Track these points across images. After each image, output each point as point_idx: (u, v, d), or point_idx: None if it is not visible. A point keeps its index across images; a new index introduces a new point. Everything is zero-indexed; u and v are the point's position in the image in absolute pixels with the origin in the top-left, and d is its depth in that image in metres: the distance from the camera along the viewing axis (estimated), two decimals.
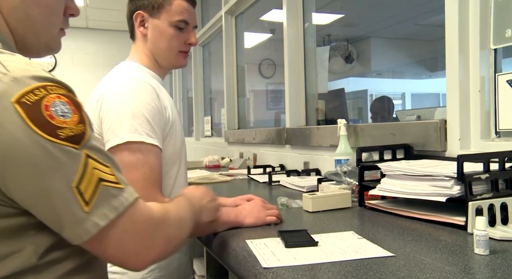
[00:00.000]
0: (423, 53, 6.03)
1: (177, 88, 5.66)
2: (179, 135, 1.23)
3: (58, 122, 0.56)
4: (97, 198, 0.58)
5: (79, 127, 0.59)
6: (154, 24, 1.25)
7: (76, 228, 0.57)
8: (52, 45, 0.75)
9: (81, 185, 0.57)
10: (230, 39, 3.52)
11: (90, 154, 0.59)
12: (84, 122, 0.60)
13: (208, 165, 2.96)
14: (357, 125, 1.79)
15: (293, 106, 2.46)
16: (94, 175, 0.59)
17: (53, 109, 0.56)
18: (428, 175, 1.04)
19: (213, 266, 1.55)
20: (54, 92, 0.58)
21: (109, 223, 0.59)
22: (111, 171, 0.61)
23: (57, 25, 0.74)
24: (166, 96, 1.24)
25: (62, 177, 0.56)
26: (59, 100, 0.58)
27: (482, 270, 0.71)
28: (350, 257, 0.78)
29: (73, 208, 0.56)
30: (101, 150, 0.62)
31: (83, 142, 0.59)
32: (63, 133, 0.56)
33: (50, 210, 0.57)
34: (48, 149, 0.55)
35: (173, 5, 1.23)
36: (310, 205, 1.23)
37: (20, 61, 0.59)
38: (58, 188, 0.56)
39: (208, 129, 4.31)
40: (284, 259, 0.78)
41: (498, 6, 1.24)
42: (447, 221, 0.99)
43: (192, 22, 1.28)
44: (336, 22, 5.15)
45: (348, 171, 1.42)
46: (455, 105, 1.32)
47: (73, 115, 0.59)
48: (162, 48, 1.26)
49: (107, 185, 0.60)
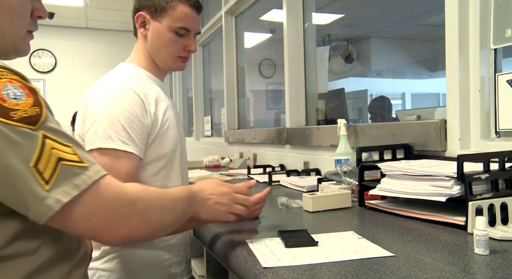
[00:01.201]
0: (423, 53, 6.04)
1: (177, 88, 5.66)
2: (173, 137, 1.22)
3: (10, 104, 0.57)
4: (56, 176, 0.59)
5: (34, 109, 0.59)
6: (155, 27, 1.24)
7: (39, 206, 0.58)
8: (19, 47, 0.74)
9: (39, 164, 0.58)
10: (230, 39, 3.52)
11: (48, 134, 0.60)
12: (40, 105, 0.61)
13: (208, 165, 2.96)
14: (357, 125, 1.79)
15: (293, 106, 2.46)
16: (53, 154, 0.59)
17: (4, 92, 0.58)
18: (428, 175, 1.04)
19: (213, 266, 1.55)
20: (5, 77, 0.60)
21: (73, 199, 0.59)
22: (72, 150, 0.62)
23: (22, 26, 0.73)
24: (161, 98, 1.23)
25: (19, 157, 0.56)
26: (10, 84, 0.59)
27: (482, 270, 0.71)
28: (350, 257, 0.78)
29: (33, 187, 0.57)
30: (60, 131, 0.63)
31: (39, 124, 0.59)
32: (16, 115, 0.57)
33: (12, 192, 0.57)
34: (1, 131, 0.56)
35: (176, 10, 1.22)
36: (310, 205, 1.23)
37: None
38: (16, 168, 0.56)
39: (208, 129, 4.31)
40: (284, 259, 0.78)
41: (498, 6, 1.24)
42: (447, 221, 0.99)
43: (194, 28, 1.27)
44: (336, 22, 5.15)
45: (348, 171, 1.42)
46: (455, 105, 1.32)
47: (26, 98, 0.60)
48: (160, 52, 1.25)
49: (68, 164, 0.60)
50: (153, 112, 1.17)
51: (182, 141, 1.30)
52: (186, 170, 1.33)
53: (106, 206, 0.64)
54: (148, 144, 1.16)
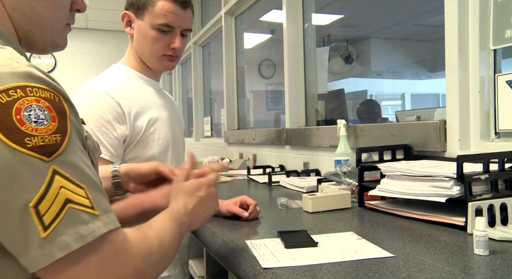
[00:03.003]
0: (423, 54, 6.04)
1: (177, 88, 5.66)
2: (162, 138, 1.20)
3: (28, 128, 0.49)
4: (59, 222, 0.49)
5: (53, 137, 0.51)
6: (138, 25, 1.21)
7: (29, 254, 0.49)
8: (58, 41, 0.72)
9: (41, 205, 0.49)
10: (230, 39, 3.52)
11: (60, 170, 0.51)
12: (64, 132, 0.53)
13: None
14: (356, 125, 1.79)
15: (293, 107, 2.46)
16: (60, 195, 0.50)
17: (25, 114, 0.49)
18: (428, 176, 1.04)
19: (213, 266, 1.55)
20: (33, 94, 0.51)
21: (69, 255, 0.50)
22: (85, 193, 0.53)
23: (63, 20, 0.71)
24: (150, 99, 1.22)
25: (19, 193, 0.48)
26: (36, 104, 0.51)
27: (482, 270, 0.71)
28: (350, 258, 0.78)
29: (29, 231, 0.48)
30: (79, 168, 0.54)
31: (55, 155, 0.51)
32: (31, 142, 0.49)
33: (6, 230, 0.49)
34: (8, 159, 0.48)
35: (156, 6, 1.17)
36: (310, 206, 1.23)
37: (4, 56, 0.53)
38: (14, 205, 0.48)
39: (208, 129, 4.31)
40: (283, 259, 0.78)
41: (497, 6, 1.24)
42: (446, 222, 0.99)
43: (179, 25, 1.21)
44: (335, 22, 5.16)
45: (348, 172, 1.42)
46: (454, 106, 1.32)
47: (50, 123, 0.51)
48: (145, 50, 1.22)
49: (77, 208, 0.51)
50: (133, 114, 1.15)
51: (176, 142, 1.27)
52: None
53: (104, 267, 0.54)
54: (130, 147, 1.14)
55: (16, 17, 0.65)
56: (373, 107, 4.24)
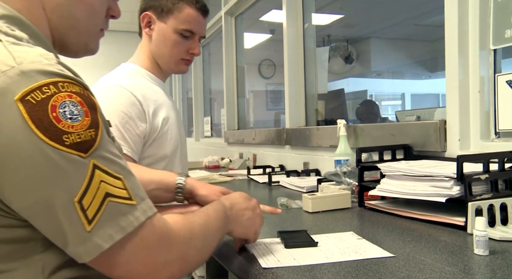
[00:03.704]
0: (423, 54, 6.04)
1: (177, 88, 5.66)
2: (173, 138, 1.22)
3: (64, 126, 0.50)
4: (101, 215, 0.51)
5: (88, 133, 0.52)
6: (160, 28, 1.24)
7: (77, 247, 0.51)
8: (91, 45, 0.73)
9: (84, 199, 0.50)
10: (230, 39, 3.52)
11: (99, 164, 0.52)
12: (97, 126, 0.53)
13: (208, 165, 2.96)
14: (356, 125, 1.79)
15: (292, 107, 2.46)
16: (101, 189, 0.52)
17: (60, 111, 0.50)
18: (428, 176, 1.04)
19: (213, 266, 1.55)
20: (65, 90, 0.51)
21: (114, 244, 0.52)
22: (122, 184, 0.54)
23: (98, 25, 0.72)
24: (162, 99, 1.23)
25: (64, 189, 0.50)
26: (69, 99, 0.51)
27: (482, 270, 0.71)
28: (350, 258, 0.78)
29: (74, 225, 0.50)
30: (113, 159, 0.55)
31: (92, 150, 0.52)
32: (68, 139, 0.50)
33: (51, 224, 0.51)
34: (50, 157, 0.49)
35: (182, 12, 1.22)
36: (310, 206, 1.23)
37: (33, 53, 0.53)
38: (59, 201, 0.50)
39: (208, 129, 4.31)
40: (283, 259, 0.78)
41: (497, 6, 1.24)
42: (446, 222, 0.99)
43: (199, 32, 1.27)
44: (335, 22, 5.16)
45: (348, 172, 1.42)
46: (454, 106, 1.32)
47: (83, 118, 0.52)
48: (164, 52, 1.26)
49: (116, 201, 0.53)
50: (151, 112, 1.17)
51: (182, 142, 1.30)
52: (187, 171, 1.33)
53: (148, 252, 0.56)
54: (147, 145, 1.16)
55: (54, 20, 0.66)
56: (372, 107, 4.24)
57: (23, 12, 0.62)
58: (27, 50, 0.53)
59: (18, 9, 0.61)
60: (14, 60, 0.50)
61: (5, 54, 0.51)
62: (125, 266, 0.55)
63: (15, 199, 0.50)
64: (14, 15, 0.60)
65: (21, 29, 0.59)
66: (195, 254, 0.64)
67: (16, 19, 0.60)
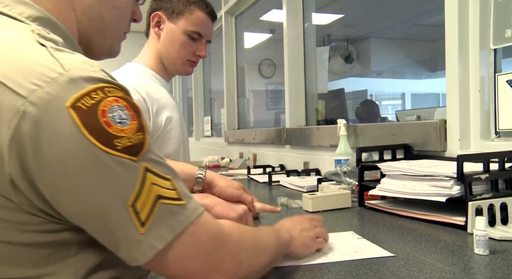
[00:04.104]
0: (423, 53, 6.04)
1: (177, 88, 5.66)
2: (176, 137, 1.23)
3: (115, 130, 0.50)
4: (154, 218, 0.52)
5: (137, 136, 0.52)
6: (169, 28, 1.27)
7: (131, 250, 0.52)
8: (114, 48, 0.74)
9: (137, 203, 0.51)
10: (230, 39, 3.52)
11: (149, 167, 0.53)
12: (143, 130, 0.54)
13: (208, 165, 2.96)
14: (357, 125, 1.79)
15: (293, 106, 2.46)
16: (152, 191, 0.52)
17: (110, 115, 0.50)
18: (428, 175, 1.04)
19: None
20: (111, 94, 0.52)
21: (167, 244, 0.53)
22: (172, 185, 0.55)
23: (123, 28, 0.73)
24: (166, 99, 1.24)
25: (117, 194, 0.50)
26: (117, 104, 0.51)
27: (482, 270, 0.71)
28: (350, 257, 0.78)
29: (128, 228, 0.51)
30: (160, 161, 0.55)
31: (142, 153, 0.52)
32: (120, 143, 0.50)
33: (104, 229, 0.51)
34: (103, 162, 0.49)
35: (193, 15, 1.26)
36: (310, 205, 1.23)
37: (78, 60, 0.53)
38: (113, 206, 0.50)
39: (208, 129, 4.31)
40: (283, 259, 0.78)
41: (497, 6, 1.24)
42: (447, 221, 0.99)
43: (207, 35, 1.30)
44: (336, 22, 5.16)
45: (348, 171, 1.42)
46: (455, 105, 1.32)
47: (131, 122, 0.52)
48: (171, 53, 1.28)
49: (166, 202, 0.53)
50: (155, 111, 1.17)
51: (185, 141, 1.31)
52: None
53: (201, 250, 0.56)
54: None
55: (84, 22, 0.66)
56: (371, 107, 4.24)
57: (53, 12, 0.61)
58: (71, 57, 0.53)
59: (48, 10, 0.61)
60: (62, 67, 0.50)
61: (52, 61, 0.50)
62: (180, 265, 0.55)
63: (67, 205, 0.50)
64: (46, 17, 0.60)
65: (54, 31, 0.59)
66: (248, 257, 0.63)
67: (48, 21, 0.60)
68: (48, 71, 0.49)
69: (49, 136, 0.47)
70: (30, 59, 0.50)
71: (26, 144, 0.47)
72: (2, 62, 0.50)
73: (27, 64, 0.49)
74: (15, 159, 0.48)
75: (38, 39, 0.53)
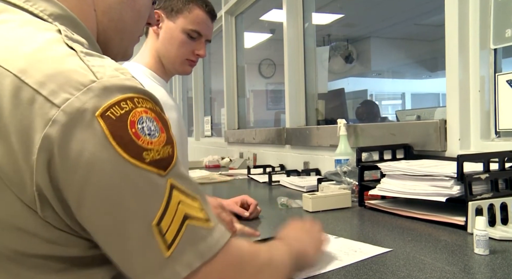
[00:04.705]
0: (423, 53, 6.04)
1: (177, 87, 5.66)
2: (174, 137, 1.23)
3: (144, 142, 0.47)
4: (180, 239, 0.47)
5: (166, 149, 0.49)
6: (168, 26, 1.26)
7: (153, 275, 0.46)
8: (129, 51, 0.73)
9: (163, 222, 0.46)
10: (230, 39, 3.52)
11: (176, 183, 0.49)
12: (172, 143, 0.51)
13: (208, 165, 2.96)
14: (357, 125, 1.79)
15: (293, 106, 2.46)
16: (179, 210, 0.48)
17: (139, 126, 0.47)
18: (428, 175, 1.04)
19: None
20: (141, 105, 0.49)
21: (192, 272, 0.47)
22: (199, 205, 0.50)
23: (139, 31, 0.73)
24: (163, 99, 1.24)
25: (142, 211, 0.46)
26: (146, 115, 0.49)
27: (482, 270, 0.71)
28: (350, 261, 0.78)
29: (151, 251, 0.46)
30: (189, 178, 0.51)
31: (170, 168, 0.49)
32: (148, 156, 0.47)
33: (123, 249, 0.47)
34: (129, 175, 0.46)
35: (192, 13, 1.25)
36: (310, 205, 1.23)
37: (109, 66, 0.51)
38: (136, 224, 0.46)
39: (208, 129, 4.31)
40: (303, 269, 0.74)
41: (498, 6, 1.24)
42: (447, 221, 0.99)
43: (206, 34, 1.29)
44: (336, 22, 5.16)
45: (348, 171, 1.42)
46: (455, 105, 1.32)
47: (160, 135, 0.49)
48: (169, 51, 1.27)
49: (195, 224, 0.49)
50: None
51: (184, 143, 1.31)
52: (187, 172, 1.33)
53: (224, 277, 0.52)
54: None
55: (104, 22, 0.65)
56: (371, 107, 4.24)
57: (74, 10, 0.59)
58: (102, 63, 0.51)
59: (70, 7, 0.58)
60: (94, 75, 0.48)
61: (84, 67, 0.48)
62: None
63: (90, 220, 0.47)
64: (69, 15, 0.58)
65: (76, 31, 0.57)
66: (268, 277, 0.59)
67: (71, 20, 0.58)
68: (81, 78, 0.47)
69: (77, 144, 0.45)
70: (63, 65, 0.48)
71: (55, 152, 0.45)
72: (35, 68, 0.47)
73: (60, 70, 0.47)
74: (43, 167, 0.45)
75: (67, 41, 0.51)
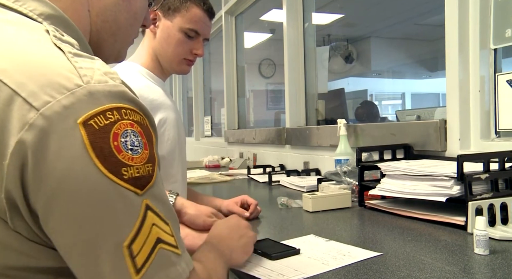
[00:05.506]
0: (423, 53, 6.04)
1: (177, 87, 5.66)
2: (171, 139, 1.22)
3: (124, 157, 0.44)
4: (151, 264, 0.45)
5: (146, 167, 0.47)
6: (165, 25, 1.25)
7: None
8: (122, 54, 0.71)
9: (134, 244, 0.44)
10: (230, 39, 3.52)
11: (151, 205, 0.46)
12: (154, 161, 0.48)
13: (208, 165, 2.96)
14: (357, 125, 1.79)
15: (293, 106, 2.46)
16: (152, 233, 0.45)
17: (122, 140, 0.45)
18: (428, 175, 1.04)
19: None
20: (128, 117, 0.46)
21: None
22: (170, 230, 0.48)
23: (134, 33, 0.71)
24: (160, 99, 1.23)
25: (114, 230, 0.44)
26: (131, 128, 0.46)
27: (482, 270, 0.71)
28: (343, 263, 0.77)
29: (119, 273, 0.43)
30: (164, 201, 0.49)
31: (147, 188, 0.46)
32: (127, 173, 0.44)
33: (90, 270, 0.44)
34: (103, 191, 0.43)
35: (189, 12, 1.23)
36: (310, 205, 1.23)
37: (98, 69, 0.48)
38: (106, 244, 0.43)
39: (208, 129, 4.31)
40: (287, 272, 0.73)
41: (498, 6, 1.24)
42: (447, 221, 0.99)
43: (204, 34, 1.28)
44: (336, 22, 5.15)
45: (348, 171, 1.42)
46: (455, 105, 1.32)
47: (143, 151, 0.46)
48: (167, 51, 1.26)
49: (167, 248, 0.47)
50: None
51: (181, 143, 1.29)
52: (185, 172, 1.32)
53: None
54: None
55: (98, 24, 0.63)
56: (371, 108, 4.24)
57: (67, 11, 0.57)
58: (90, 65, 0.48)
59: (62, 8, 0.56)
60: (80, 78, 0.45)
61: (71, 69, 0.46)
62: None
63: (58, 234, 0.44)
64: (60, 15, 0.56)
65: (66, 31, 0.55)
66: None
67: (62, 20, 0.56)
68: (65, 82, 0.44)
69: (53, 152, 0.42)
70: (47, 66, 0.45)
71: (29, 158, 0.42)
72: (17, 68, 0.45)
73: (43, 71, 0.44)
74: (14, 173, 0.42)
75: (55, 41, 0.49)
